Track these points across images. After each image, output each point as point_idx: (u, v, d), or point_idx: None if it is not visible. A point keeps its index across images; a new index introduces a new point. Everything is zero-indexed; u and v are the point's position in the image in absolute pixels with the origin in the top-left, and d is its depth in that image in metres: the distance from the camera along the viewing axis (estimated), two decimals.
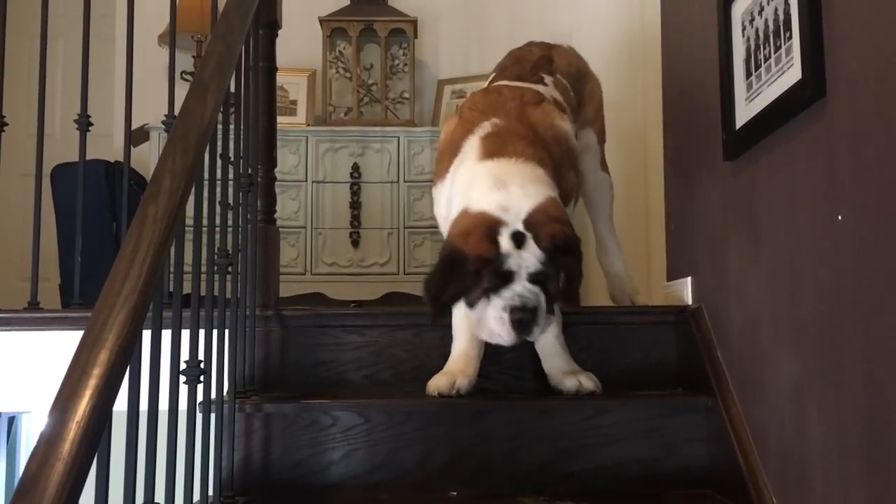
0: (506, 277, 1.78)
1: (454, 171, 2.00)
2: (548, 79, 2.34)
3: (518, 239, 1.78)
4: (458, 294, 1.83)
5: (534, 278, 1.79)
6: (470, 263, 1.78)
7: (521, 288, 1.77)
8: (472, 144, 1.97)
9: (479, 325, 1.84)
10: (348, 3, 3.95)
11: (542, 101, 2.11)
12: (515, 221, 1.79)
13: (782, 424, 1.65)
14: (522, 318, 1.76)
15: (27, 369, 2.12)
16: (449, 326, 2.11)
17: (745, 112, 1.81)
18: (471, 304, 1.83)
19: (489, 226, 1.79)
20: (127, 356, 1.06)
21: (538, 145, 1.96)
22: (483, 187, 1.85)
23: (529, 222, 1.79)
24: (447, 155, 2.05)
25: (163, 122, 2.20)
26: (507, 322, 1.77)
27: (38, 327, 2.12)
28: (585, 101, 2.50)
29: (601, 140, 2.54)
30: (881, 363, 1.28)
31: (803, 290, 1.55)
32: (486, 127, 1.99)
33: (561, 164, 2.00)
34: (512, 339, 1.80)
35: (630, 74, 4.01)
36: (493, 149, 1.92)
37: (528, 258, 1.78)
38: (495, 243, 1.78)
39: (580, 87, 2.50)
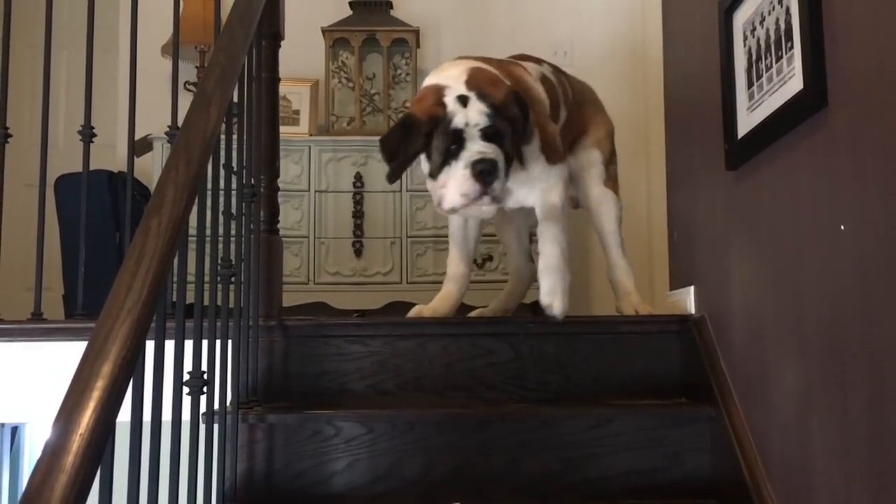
0: (457, 136, 1.96)
1: None
2: (546, 65, 2.44)
3: (462, 100, 1.98)
4: (413, 154, 2.02)
5: (486, 135, 1.97)
6: (422, 125, 1.98)
7: (476, 146, 1.95)
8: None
9: (444, 195, 2.01)
10: (350, 13, 3.96)
11: (521, 66, 2.30)
12: (457, 85, 2.00)
13: (786, 434, 1.64)
14: (483, 169, 1.93)
15: (31, 380, 2.12)
16: (451, 335, 2.16)
17: (746, 121, 1.81)
18: (433, 175, 2.02)
19: (436, 91, 2.01)
20: (130, 368, 1.07)
21: (497, 67, 2.15)
22: (434, 74, 2.10)
23: (470, 84, 2.00)
24: None
25: (166, 133, 2.21)
26: (469, 176, 1.94)
27: (42, 338, 2.12)
28: (592, 126, 2.53)
29: (606, 161, 2.53)
30: (885, 373, 1.27)
31: (806, 300, 1.55)
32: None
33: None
34: (476, 192, 1.95)
35: (632, 84, 4.02)
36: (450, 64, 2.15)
37: (474, 115, 1.96)
38: (442, 105, 1.98)
39: (588, 111, 2.54)
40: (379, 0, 3.99)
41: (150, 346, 1.22)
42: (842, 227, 1.40)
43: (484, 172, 1.94)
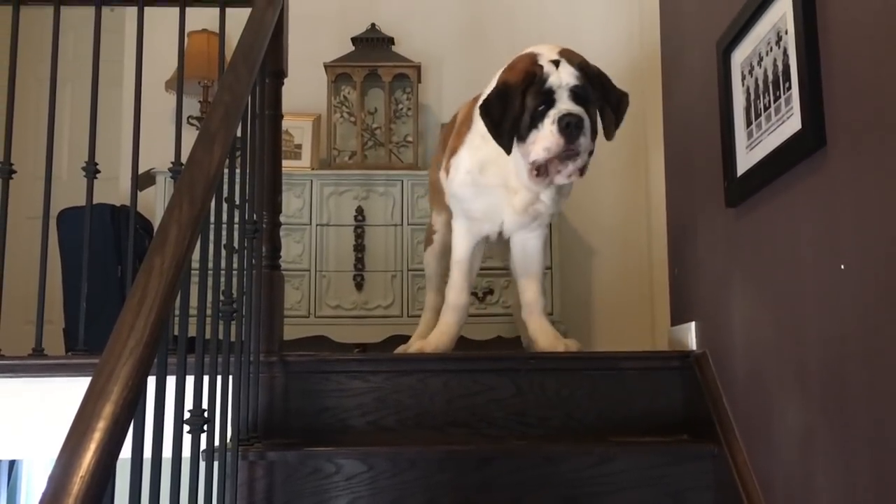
0: (549, 95, 2.09)
1: (477, 118, 2.25)
2: None
3: (555, 63, 2.12)
4: (514, 117, 2.11)
5: (574, 95, 2.10)
6: (517, 85, 2.11)
7: (565, 104, 2.09)
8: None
9: (530, 150, 2.11)
10: (353, 49, 4.00)
11: None
12: (551, 53, 2.15)
13: (789, 473, 1.64)
14: (570, 122, 2.05)
15: (30, 415, 2.12)
16: (452, 371, 2.16)
17: (746, 160, 1.82)
18: (522, 137, 2.13)
19: (530, 57, 2.16)
20: (132, 409, 1.07)
21: None
22: (522, 52, 2.22)
23: (562, 53, 2.16)
24: (469, 116, 2.35)
25: (169, 170, 2.22)
26: (556, 131, 2.06)
27: (43, 374, 2.11)
28: None
29: None
30: (887, 412, 1.27)
31: (808, 338, 1.55)
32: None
33: None
34: (561, 146, 2.07)
35: (632, 117, 4.04)
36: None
37: (566, 76, 2.10)
38: (539, 65, 2.12)
39: None
40: (381, 36, 4.03)
41: (151, 381, 1.22)
42: (842, 267, 1.41)
43: (570, 125, 2.05)
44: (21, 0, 2.35)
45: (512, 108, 2.11)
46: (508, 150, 2.15)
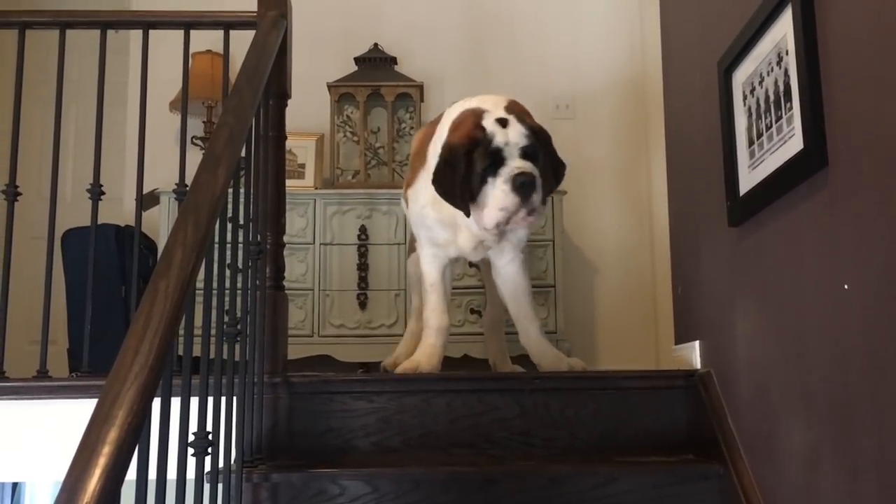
0: (497, 156, 2.04)
1: (435, 142, 2.23)
2: None
3: (502, 122, 2.07)
4: (464, 182, 2.05)
5: (524, 153, 2.06)
6: (462, 148, 2.05)
7: (516, 162, 2.04)
8: (451, 108, 2.27)
9: (482, 213, 2.08)
10: (356, 68, 4.03)
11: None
12: (496, 110, 2.10)
13: (795, 493, 1.63)
14: (524, 182, 2.02)
15: (34, 438, 2.11)
16: (456, 391, 2.15)
17: (748, 179, 1.83)
18: (473, 197, 2.08)
19: (475, 115, 2.10)
20: (137, 434, 1.07)
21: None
22: (467, 103, 2.19)
23: (509, 109, 2.11)
24: (423, 145, 2.31)
25: (174, 191, 2.23)
26: (509, 191, 2.02)
27: (47, 396, 2.12)
28: None
29: None
30: (892, 431, 1.27)
31: (811, 357, 1.55)
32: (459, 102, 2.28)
33: None
34: (514, 206, 2.04)
35: (634, 137, 4.07)
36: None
37: (514, 134, 2.06)
38: (481, 128, 2.07)
39: None
40: (383, 56, 4.06)
41: (155, 402, 1.22)
42: (845, 287, 1.41)
43: (524, 185, 2.03)
44: (27, 23, 2.37)
45: (459, 171, 2.07)
46: (467, 214, 2.13)
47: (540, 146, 2.10)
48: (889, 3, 1.27)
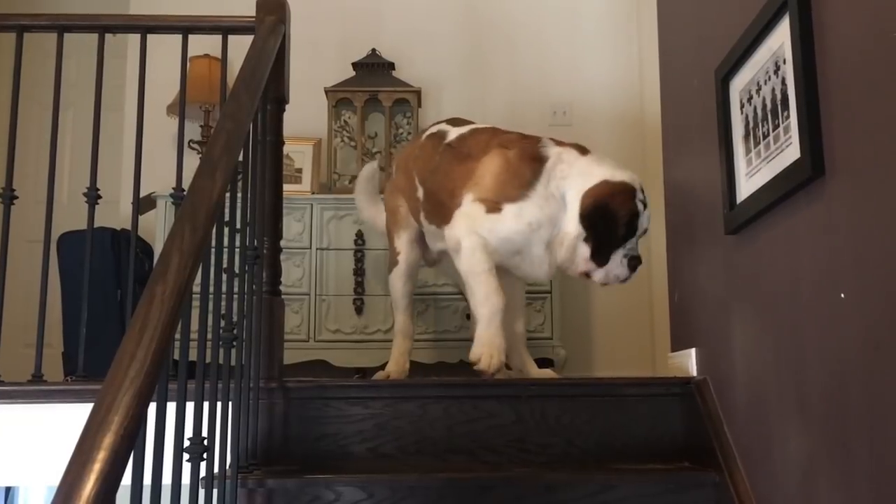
0: (630, 229, 2.37)
1: (546, 177, 2.40)
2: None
3: (644, 204, 2.39)
4: (616, 241, 2.37)
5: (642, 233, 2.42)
6: (622, 217, 2.35)
7: (632, 242, 2.40)
8: (557, 151, 2.43)
9: (605, 272, 2.41)
10: (353, 74, 4.03)
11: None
12: (640, 192, 2.39)
13: (791, 502, 1.63)
14: (636, 266, 2.41)
15: (29, 442, 2.11)
16: (452, 397, 2.15)
17: (745, 187, 1.83)
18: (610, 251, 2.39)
19: (632, 191, 2.37)
20: (132, 440, 1.06)
21: None
22: (609, 168, 2.40)
23: (643, 193, 2.41)
24: (512, 178, 2.41)
25: (171, 195, 2.23)
26: (626, 266, 2.39)
27: (42, 400, 2.11)
28: None
29: None
30: (888, 441, 1.27)
31: (808, 366, 1.55)
32: (552, 139, 2.49)
33: None
34: (625, 277, 2.43)
35: (630, 144, 4.07)
36: (583, 150, 2.46)
37: (645, 220, 2.40)
38: (642, 204, 2.38)
39: None
40: (381, 61, 4.06)
41: (150, 407, 1.22)
42: (842, 296, 1.41)
43: (637, 263, 2.42)
44: (25, 26, 2.37)
45: (617, 233, 2.36)
46: (602, 264, 2.39)
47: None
48: (886, 13, 1.27)
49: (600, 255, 2.39)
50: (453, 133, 2.66)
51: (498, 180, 2.42)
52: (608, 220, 2.36)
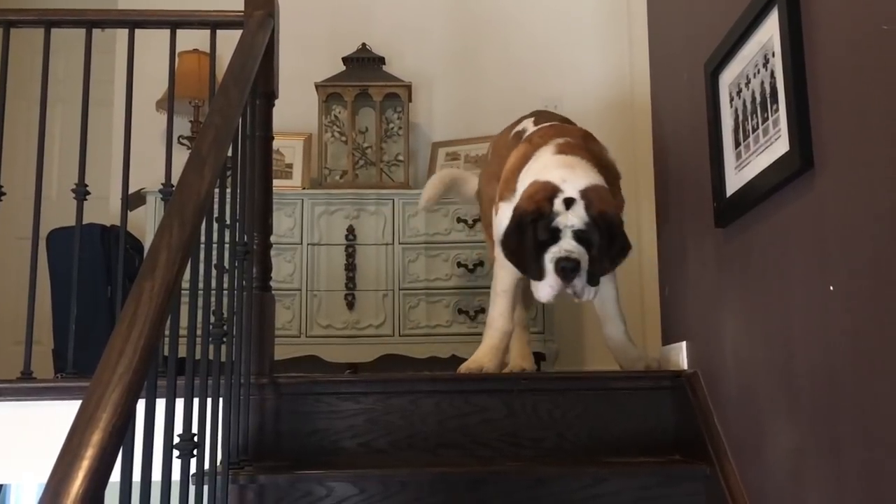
0: (554, 234, 2.13)
1: (524, 175, 2.30)
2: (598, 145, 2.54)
3: (568, 203, 2.15)
4: (527, 245, 2.16)
5: (578, 237, 2.13)
6: (528, 215, 2.15)
7: (566, 244, 2.13)
8: (547, 150, 2.32)
9: (535, 285, 2.19)
10: (343, 68, 4.01)
11: (596, 139, 2.50)
12: (571, 191, 2.16)
13: (781, 493, 1.63)
14: (566, 266, 2.10)
15: (19, 439, 2.10)
16: (444, 392, 2.16)
17: (735, 181, 1.83)
18: (529, 269, 2.18)
19: (549, 190, 2.17)
20: (121, 436, 1.06)
21: (597, 162, 2.32)
22: (553, 168, 2.23)
23: (583, 193, 2.16)
24: (515, 172, 2.35)
25: (160, 191, 2.22)
26: (552, 271, 2.11)
27: (32, 397, 2.10)
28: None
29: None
30: (877, 432, 1.27)
31: (798, 359, 1.55)
32: (557, 141, 2.35)
33: (611, 184, 2.32)
34: (558, 287, 2.13)
35: (621, 138, 4.07)
36: (566, 150, 2.30)
37: (573, 219, 2.13)
38: (551, 203, 2.14)
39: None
40: (372, 56, 4.05)
41: (140, 403, 1.21)
42: (831, 288, 1.41)
43: (566, 270, 2.11)
44: (12, 22, 2.35)
45: (526, 239, 2.16)
46: (537, 278, 2.18)
47: (600, 233, 2.14)
48: (876, 6, 1.27)
49: (523, 268, 2.20)
50: (531, 126, 2.59)
51: (504, 177, 2.42)
52: (515, 221, 2.18)
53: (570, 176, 2.20)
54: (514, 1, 4.32)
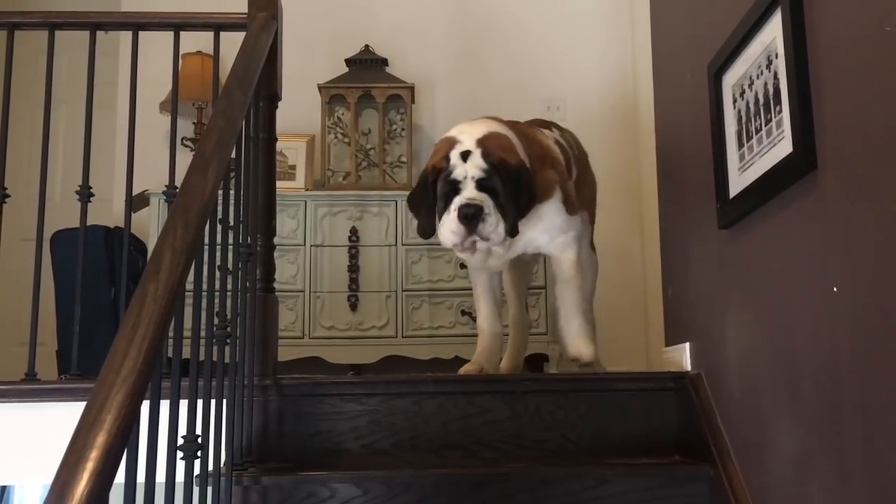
0: (454, 185, 2.17)
1: None
2: (555, 130, 2.62)
3: (465, 155, 2.19)
4: (429, 204, 2.22)
5: (479, 185, 2.16)
6: (430, 173, 2.23)
7: (467, 192, 2.16)
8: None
9: (441, 235, 2.22)
10: (346, 70, 4.02)
11: (543, 128, 2.53)
12: (468, 141, 2.20)
13: (784, 495, 1.63)
14: (467, 213, 2.14)
15: (23, 441, 2.10)
16: (447, 393, 2.15)
17: (738, 182, 1.83)
18: (439, 217, 2.22)
19: (447, 145, 2.23)
20: (125, 438, 1.06)
21: (517, 132, 2.34)
22: (456, 127, 2.29)
23: (479, 143, 2.20)
24: None
25: (164, 193, 2.22)
26: (454, 219, 2.15)
27: (36, 398, 2.10)
28: (584, 186, 2.66)
29: (592, 221, 2.75)
30: (881, 433, 1.27)
31: (801, 361, 1.55)
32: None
33: (538, 158, 2.34)
34: (462, 233, 2.16)
35: (624, 140, 4.08)
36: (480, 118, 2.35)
37: (472, 168, 2.17)
38: (447, 158, 2.20)
39: (581, 169, 2.67)
40: (374, 58, 4.06)
41: (144, 405, 1.21)
42: (834, 289, 1.41)
43: (468, 216, 2.14)
44: (15, 24, 2.35)
45: (427, 194, 2.24)
46: (428, 234, 2.26)
47: (503, 181, 2.17)
48: (879, 7, 1.27)
49: (419, 220, 2.28)
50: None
51: None
52: (421, 180, 2.29)
53: (468, 129, 2.26)
54: (516, 2, 4.32)
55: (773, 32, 1.63)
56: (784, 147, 1.58)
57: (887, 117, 1.24)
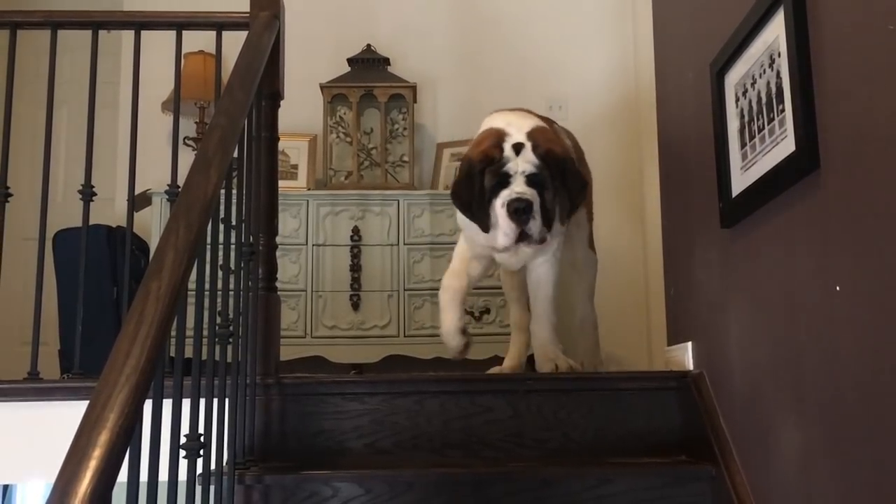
0: (504, 178, 2.14)
1: None
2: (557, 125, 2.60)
3: (517, 147, 2.16)
4: (476, 194, 2.16)
5: (530, 180, 2.15)
6: (476, 164, 2.16)
7: (517, 186, 2.13)
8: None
9: (491, 234, 2.18)
10: (348, 69, 4.02)
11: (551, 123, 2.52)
12: (518, 134, 2.18)
13: (787, 494, 1.63)
14: (518, 208, 2.11)
15: (26, 440, 2.10)
16: (449, 392, 2.16)
17: (740, 181, 1.83)
18: (488, 215, 2.18)
19: (496, 136, 2.19)
20: (128, 436, 1.06)
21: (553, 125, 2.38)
22: (497, 117, 2.29)
23: (530, 135, 2.18)
24: None
25: (166, 192, 2.23)
26: (505, 215, 2.11)
27: (39, 398, 2.11)
28: None
29: (590, 219, 2.75)
30: (884, 432, 1.27)
31: (804, 359, 1.55)
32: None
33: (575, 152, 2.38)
34: (513, 230, 2.13)
35: (627, 139, 4.07)
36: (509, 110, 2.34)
37: (524, 163, 2.15)
38: (500, 149, 2.16)
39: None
40: (376, 57, 4.06)
41: (147, 404, 1.21)
42: (837, 288, 1.41)
43: (518, 211, 2.12)
44: (18, 23, 2.36)
45: (473, 187, 2.19)
46: (486, 229, 2.20)
47: (552, 174, 2.16)
48: (881, 6, 1.27)
49: (474, 217, 2.20)
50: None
51: None
52: (465, 171, 2.21)
53: (515, 120, 2.24)
54: (518, 1, 4.32)
55: (775, 31, 1.63)
56: (787, 146, 1.58)
57: (890, 117, 1.24)
